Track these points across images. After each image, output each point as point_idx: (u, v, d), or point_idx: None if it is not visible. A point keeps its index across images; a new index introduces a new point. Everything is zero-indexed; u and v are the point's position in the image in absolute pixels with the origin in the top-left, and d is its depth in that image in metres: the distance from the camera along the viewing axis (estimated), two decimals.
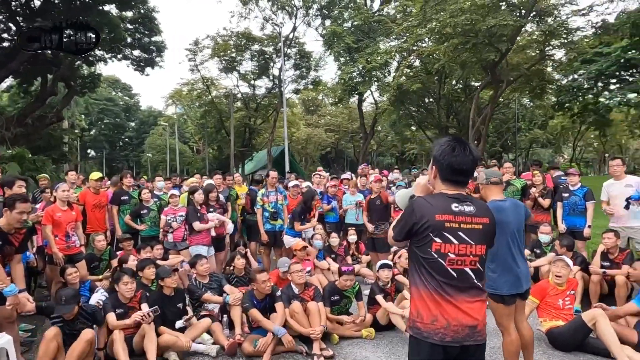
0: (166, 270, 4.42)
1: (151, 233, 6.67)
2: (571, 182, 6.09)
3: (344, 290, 4.59)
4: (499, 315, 3.29)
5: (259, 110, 30.98)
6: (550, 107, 32.27)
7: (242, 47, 28.54)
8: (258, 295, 4.36)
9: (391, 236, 2.12)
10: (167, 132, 40.74)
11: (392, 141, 44.67)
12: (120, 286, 4.21)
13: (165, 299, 4.31)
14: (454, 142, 2.04)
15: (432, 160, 2.12)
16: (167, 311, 4.27)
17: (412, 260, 2.08)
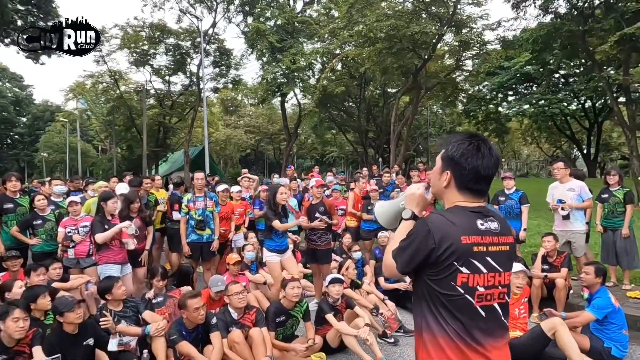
0: (67, 303, 3.39)
1: (46, 249, 5.50)
2: (507, 186, 6.15)
3: (290, 310, 4.00)
4: None
5: (174, 108, 28.98)
6: (459, 114, 34.80)
7: (155, 40, 26.46)
8: (188, 324, 3.61)
9: (391, 267, 1.58)
10: (67, 130, 36.50)
11: (312, 144, 44.88)
12: (7, 324, 3.17)
13: (67, 339, 3.36)
14: (477, 139, 1.58)
15: (442, 163, 1.64)
16: (72, 355, 3.33)
17: (423, 298, 1.56)
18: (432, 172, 1.70)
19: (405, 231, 1.65)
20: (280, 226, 4.85)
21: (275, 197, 4.92)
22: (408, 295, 5.41)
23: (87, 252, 5.32)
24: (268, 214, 4.94)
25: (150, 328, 3.78)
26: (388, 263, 1.62)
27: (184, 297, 3.60)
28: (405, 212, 1.74)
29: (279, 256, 4.96)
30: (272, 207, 4.93)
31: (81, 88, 32.21)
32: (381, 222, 2.02)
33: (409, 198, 1.76)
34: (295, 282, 3.98)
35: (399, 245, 1.59)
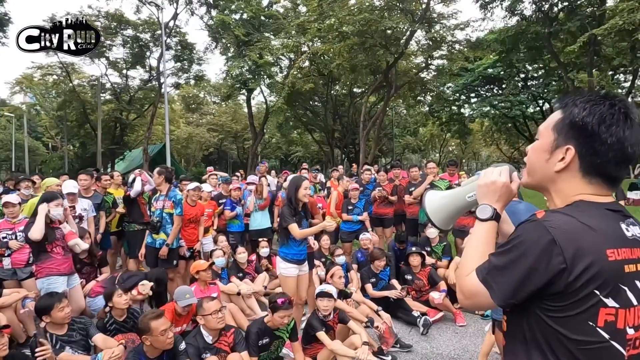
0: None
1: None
2: None
3: (274, 330, 3.38)
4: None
5: (132, 104, 27.41)
6: (424, 114, 35.20)
7: (112, 31, 24.90)
8: (150, 352, 2.92)
9: (478, 295, 1.04)
10: (13, 125, 33.81)
11: (277, 143, 44.05)
12: None
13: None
14: (621, 103, 1.03)
15: (557, 134, 1.08)
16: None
17: (532, 344, 1.02)
18: (534, 149, 1.15)
19: (487, 238, 1.14)
20: (299, 233, 3.78)
21: (298, 192, 3.87)
22: (400, 304, 4.91)
23: (26, 261, 4.48)
24: (285, 213, 3.86)
25: (102, 356, 3.06)
26: (471, 289, 1.06)
27: (145, 318, 2.90)
28: (482, 208, 1.19)
29: (297, 268, 3.94)
30: (291, 205, 3.86)
31: (29, 81, 29.92)
32: (434, 220, 1.46)
33: (486, 189, 1.21)
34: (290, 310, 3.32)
35: (492, 262, 1.03)
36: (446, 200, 1.45)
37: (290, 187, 4.02)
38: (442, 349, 4.17)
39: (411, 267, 5.31)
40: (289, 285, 3.81)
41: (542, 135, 1.12)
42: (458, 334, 4.53)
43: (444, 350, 4.12)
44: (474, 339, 4.38)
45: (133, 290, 4.02)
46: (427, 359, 3.96)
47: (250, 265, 5.73)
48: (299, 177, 4.26)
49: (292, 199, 3.88)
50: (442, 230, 1.50)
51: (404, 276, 5.38)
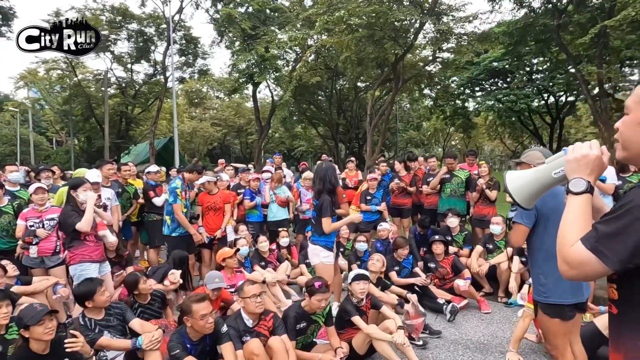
0: (33, 314, 2.61)
1: (3, 246, 4.62)
2: None
3: (311, 314, 3.39)
4: (553, 334, 2.51)
5: (137, 98, 27.38)
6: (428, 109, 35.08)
7: (117, 25, 24.87)
8: (193, 334, 2.94)
9: (590, 263, 1.05)
10: (18, 120, 33.80)
11: (280, 138, 44.00)
12: None
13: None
14: None
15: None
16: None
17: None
18: (625, 123, 1.15)
19: (584, 210, 1.18)
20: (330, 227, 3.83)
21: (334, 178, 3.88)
22: (425, 292, 4.93)
23: (53, 250, 4.51)
24: (327, 204, 3.85)
25: (142, 340, 3.07)
26: (578, 258, 1.08)
27: (188, 300, 2.92)
28: (575, 182, 1.23)
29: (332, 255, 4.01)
30: (332, 195, 3.88)
31: (33, 75, 29.92)
32: (517, 198, 1.49)
33: (577, 163, 1.25)
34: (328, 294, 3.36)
35: (601, 231, 1.04)
36: (530, 179, 1.49)
37: (327, 176, 4.00)
38: (471, 335, 4.18)
39: (434, 255, 5.32)
40: (329, 273, 3.83)
41: (632, 110, 1.13)
42: (484, 321, 4.54)
43: (473, 337, 4.14)
44: (501, 326, 4.39)
45: (165, 280, 4.06)
46: (457, 344, 3.97)
47: (272, 254, 5.75)
48: (328, 163, 4.26)
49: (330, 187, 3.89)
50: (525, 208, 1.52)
51: (427, 264, 5.39)
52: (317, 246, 3.95)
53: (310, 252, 4.08)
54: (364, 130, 32.00)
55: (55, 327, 2.65)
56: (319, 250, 3.93)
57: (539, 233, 2.45)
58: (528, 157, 2.66)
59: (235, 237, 5.77)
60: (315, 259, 3.98)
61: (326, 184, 3.91)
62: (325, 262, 3.89)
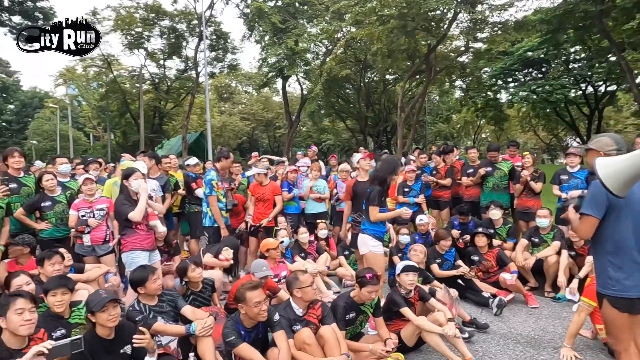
0: (98, 300, 2.69)
1: (56, 234, 4.81)
2: (570, 164, 5.56)
3: (361, 305, 3.38)
4: (619, 328, 2.41)
5: (170, 93, 28.00)
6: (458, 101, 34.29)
7: (150, 22, 25.43)
8: (247, 322, 2.98)
9: None
10: (58, 117, 35.20)
11: (307, 131, 44.09)
12: (10, 318, 2.52)
13: (101, 345, 2.70)
14: None
15: None
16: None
17: None
18: None
19: None
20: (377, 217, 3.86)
21: (393, 175, 3.92)
22: (469, 285, 4.84)
23: (103, 238, 4.67)
24: (377, 194, 3.87)
25: (195, 326, 3.14)
26: None
27: (242, 288, 2.95)
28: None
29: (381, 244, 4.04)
30: (384, 187, 3.91)
31: (72, 73, 31.00)
32: (610, 186, 1.45)
33: None
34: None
35: None
36: (624, 165, 1.42)
37: (386, 169, 3.99)
38: (520, 329, 4.07)
39: (477, 248, 5.20)
40: (379, 263, 3.82)
41: None
42: (533, 316, 4.42)
43: (522, 331, 4.03)
44: (551, 321, 4.26)
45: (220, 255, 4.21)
46: (506, 338, 3.87)
47: (312, 245, 5.76)
48: (395, 160, 4.23)
49: (387, 180, 3.87)
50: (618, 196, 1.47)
51: (470, 257, 5.27)
52: (366, 235, 3.94)
53: (360, 241, 4.05)
54: (392, 123, 31.68)
55: (118, 315, 2.73)
56: (368, 239, 3.91)
57: (610, 224, 2.34)
58: (597, 144, 2.52)
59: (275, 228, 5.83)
60: (364, 249, 3.95)
61: (382, 175, 3.90)
62: (375, 252, 3.87)
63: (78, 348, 2.34)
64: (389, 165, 3.98)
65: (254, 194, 5.99)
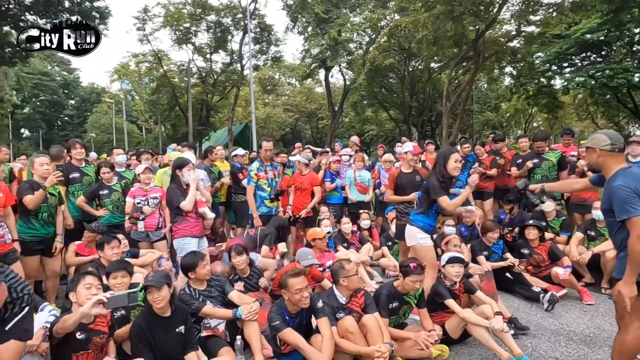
0: (157, 277, 2.89)
1: (113, 221, 5.11)
2: (632, 153, 5.20)
3: (404, 295, 3.37)
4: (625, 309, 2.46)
5: (216, 86, 28.80)
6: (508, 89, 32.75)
7: (197, 17, 26.18)
8: (291, 308, 3.05)
9: None
10: (113, 110, 37.23)
11: (350, 122, 43.85)
12: (79, 291, 2.75)
13: (157, 322, 2.87)
14: None
15: None
16: (161, 342, 2.85)
17: None
18: None
19: None
20: (450, 204, 3.72)
21: (447, 164, 3.77)
22: (518, 279, 4.67)
23: (156, 225, 4.93)
24: (435, 185, 3.75)
25: (242, 311, 3.25)
26: None
27: (285, 274, 3.03)
28: None
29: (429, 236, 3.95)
30: (441, 179, 3.78)
31: (125, 69, 32.59)
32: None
33: None
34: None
35: None
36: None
37: (439, 159, 3.93)
38: (574, 326, 3.89)
39: (528, 241, 5.00)
40: (429, 255, 3.76)
41: None
42: (587, 313, 4.20)
43: (576, 328, 3.85)
44: (608, 319, 4.03)
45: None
46: (558, 335, 3.72)
47: (355, 235, 5.77)
48: (449, 149, 4.13)
49: (441, 170, 3.80)
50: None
51: (519, 250, 5.08)
52: (414, 227, 3.88)
53: (407, 233, 4.00)
54: (437, 113, 30.82)
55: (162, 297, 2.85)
56: (416, 231, 3.86)
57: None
58: (593, 141, 2.61)
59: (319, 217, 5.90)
60: (412, 240, 3.90)
61: (437, 167, 3.84)
62: (423, 244, 3.82)
63: (134, 301, 2.54)
64: (441, 154, 3.92)
65: (294, 182, 6.09)
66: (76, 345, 2.72)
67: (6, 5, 19.24)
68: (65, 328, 2.55)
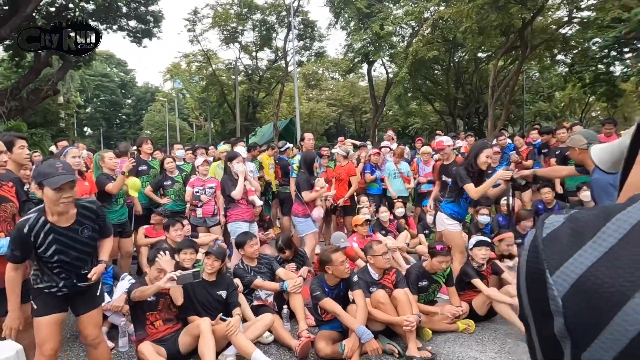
0: (218, 250, 3.65)
1: (175, 208, 5.76)
2: None
3: (433, 274, 3.71)
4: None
5: (262, 83, 29.73)
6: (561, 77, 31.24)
7: (243, 17, 27.12)
8: (330, 280, 3.48)
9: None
10: (166, 108, 39.31)
11: (394, 115, 43.55)
12: (151, 271, 3.37)
13: (202, 284, 3.50)
14: None
15: None
16: (203, 301, 3.48)
17: None
18: None
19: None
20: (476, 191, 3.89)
21: (478, 158, 3.98)
22: None
23: (212, 212, 5.51)
24: (462, 174, 4.00)
25: (288, 284, 3.74)
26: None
27: (326, 252, 3.47)
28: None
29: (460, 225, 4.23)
30: (469, 167, 4.02)
31: (177, 69, 34.27)
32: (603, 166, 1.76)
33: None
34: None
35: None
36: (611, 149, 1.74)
37: (472, 151, 4.21)
38: None
39: None
40: (456, 240, 4.05)
41: None
42: None
43: None
44: None
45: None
46: None
47: (392, 224, 6.11)
48: (483, 142, 4.38)
49: (471, 162, 4.07)
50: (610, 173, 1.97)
51: None
52: (442, 214, 4.17)
53: (437, 219, 4.30)
54: (484, 104, 30.03)
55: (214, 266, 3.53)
56: (444, 217, 4.15)
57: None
58: (572, 142, 2.98)
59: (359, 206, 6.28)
60: (441, 226, 4.20)
61: (468, 158, 4.12)
62: (450, 229, 4.10)
63: (197, 278, 3.17)
64: (474, 147, 4.16)
65: (335, 172, 6.49)
66: (148, 306, 3.32)
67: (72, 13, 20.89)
68: (143, 297, 3.14)
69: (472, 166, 4.01)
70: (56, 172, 2.31)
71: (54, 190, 2.27)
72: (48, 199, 2.32)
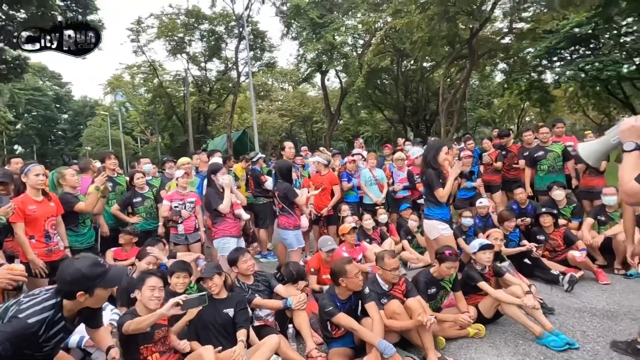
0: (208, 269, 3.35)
1: (146, 227, 5.34)
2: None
3: (440, 280, 3.62)
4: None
5: (212, 94, 29.03)
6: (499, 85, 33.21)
7: (190, 27, 26.42)
8: (342, 294, 3.29)
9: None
10: (108, 123, 37.25)
11: (345, 125, 44.18)
12: (143, 292, 3.00)
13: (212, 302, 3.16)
14: None
15: None
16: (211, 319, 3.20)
17: None
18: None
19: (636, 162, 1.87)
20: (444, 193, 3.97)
21: (438, 156, 4.03)
22: (537, 264, 4.95)
23: (194, 227, 5.15)
24: (432, 177, 4.00)
25: (291, 301, 3.50)
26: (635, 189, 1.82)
27: (340, 263, 3.27)
28: (627, 144, 1.91)
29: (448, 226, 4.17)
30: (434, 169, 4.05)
31: (119, 81, 32.69)
32: (589, 161, 2.22)
33: (628, 131, 1.92)
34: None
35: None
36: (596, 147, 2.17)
37: (429, 151, 4.18)
38: (594, 303, 4.17)
39: (543, 228, 5.28)
40: (452, 244, 3.99)
41: None
42: (605, 291, 4.48)
43: (597, 305, 4.12)
44: (625, 295, 4.32)
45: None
46: (582, 312, 3.99)
47: (375, 231, 6.03)
48: (439, 141, 4.39)
49: (432, 163, 4.06)
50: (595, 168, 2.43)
51: (535, 237, 5.35)
52: (432, 220, 4.11)
53: (427, 227, 4.23)
54: (432, 112, 31.23)
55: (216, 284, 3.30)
56: (436, 224, 4.09)
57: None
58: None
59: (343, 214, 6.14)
60: (434, 233, 4.12)
61: (429, 158, 4.10)
62: (445, 234, 4.06)
63: (204, 302, 2.83)
64: (431, 147, 4.18)
65: (313, 182, 6.32)
66: (142, 339, 2.95)
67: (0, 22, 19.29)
68: (140, 329, 2.78)
69: (433, 166, 4.05)
70: None
71: None
72: None
